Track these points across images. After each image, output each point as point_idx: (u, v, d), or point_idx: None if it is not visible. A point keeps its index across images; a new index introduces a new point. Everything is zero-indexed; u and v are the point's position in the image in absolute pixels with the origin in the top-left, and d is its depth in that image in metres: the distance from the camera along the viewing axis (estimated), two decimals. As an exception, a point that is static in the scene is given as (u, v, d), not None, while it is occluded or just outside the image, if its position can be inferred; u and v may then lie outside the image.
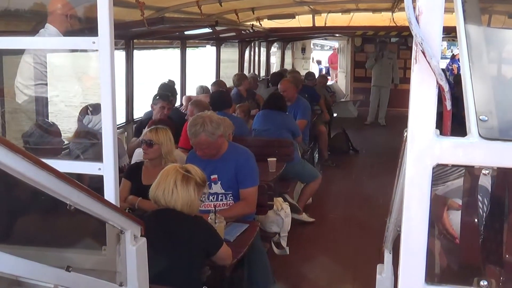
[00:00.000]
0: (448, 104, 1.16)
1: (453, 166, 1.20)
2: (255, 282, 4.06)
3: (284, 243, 5.23)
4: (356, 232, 6.43)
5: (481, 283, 1.19)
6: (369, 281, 3.22)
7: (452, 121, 1.21)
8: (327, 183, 7.97)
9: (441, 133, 1.18)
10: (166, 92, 7.04)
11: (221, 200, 4.25)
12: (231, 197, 4.25)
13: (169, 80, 7.92)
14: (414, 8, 1.14)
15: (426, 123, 1.15)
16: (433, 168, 1.16)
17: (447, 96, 1.15)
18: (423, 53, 1.12)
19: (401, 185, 1.45)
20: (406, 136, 1.19)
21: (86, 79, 4.85)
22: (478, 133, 1.14)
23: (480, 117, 1.15)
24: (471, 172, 1.53)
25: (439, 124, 1.19)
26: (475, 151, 1.14)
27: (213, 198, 4.25)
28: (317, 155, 9.62)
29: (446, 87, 1.14)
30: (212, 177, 4.25)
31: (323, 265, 5.62)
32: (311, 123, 8.73)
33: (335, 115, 12.39)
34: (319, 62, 23.78)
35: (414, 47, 1.14)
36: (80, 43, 2.62)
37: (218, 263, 3.38)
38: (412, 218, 1.17)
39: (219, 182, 4.26)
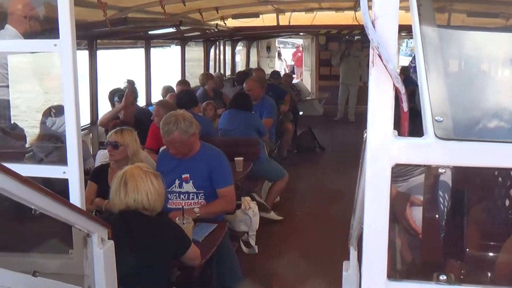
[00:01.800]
0: (405, 106, 1.20)
1: (411, 166, 1.24)
2: (224, 281, 4.08)
3: (252, 242, 5.27)
4: (323, 228, 6.49)
5: (440, 277, 1.23)
6: (337, 277, 3.26)
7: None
8: (295, 181, 8.02)
9: (399, 134, 1.22)
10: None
11: (192, 199, 4.25)
12: (203, 196, 4.25)
13: (128, 80, 7.80)
14: (370, 13, 1.17)
15: (384, 125, 1.19)
16: (392, 168, 1.20)
17: (404, 98, 1.19)
18: (380, 57, 1.16)
19: (362, 184, 1.49)
20: (366, 137, 1.22)
21: (48, 80, 4.77)
22: (434, 133, 1.18)
23: (436, 118, 1.19)
24: (431, 169, 1.58)
25: (398, 125, 1.23)
26: (431, 151, 1.18)
27: (184, 196, 4.25)
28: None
29: (402, 90, 1.18)
30: (183, 176, 4.26)
31: (292, 263, 5.66)
32: (278, 121, 8.77)
33: (300, 113, 12.48)
34: (279, 54, 23.51)
35: (371, 51, 1.18)
36: (41, 45, 2.59)
37: (187, 263, 3.39)
38: (373, 217, 1.21)
39: (191, 181, 4.26)
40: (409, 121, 1.30)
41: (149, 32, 8.00)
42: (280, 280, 5.25)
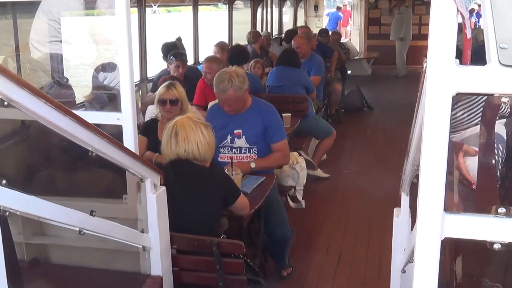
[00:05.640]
0: (468, 32, 1.16)
1: (473, 94, 1.21)
2: (273, 232, 4.12)
3: (299, 196, 5.27)
4: (371, 187, 6.46)
5: (499, 210, 1.20)
6: (384, 233, 3.24)
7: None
8: (342, 139, 7.97)
9: (461, 63, 1.18)
10: (176, 50, 6.91)
11: (244, 153, 4.26)
12: (255, 151, 4.25)
13: (177, 38, 7.81)
14: None
15: (446, 52, 1.14)
16: (452, 97, 1.17)
17: (467, 23, 1.14)
18: (444, -21, 1.11)
19: (419, 119, 1.46)
20: (426, 66, 1.19)
21: (99, 40, 4.87)
22: (498, 60, 1.13)
23: (500, 45, 1.14)
24: (494, 99, 1.52)
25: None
26: (495, 79, 1.14)
27: (236, 151, 4.27)
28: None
29: (466, 15, 1.13)
30: (235, 131, 4.25)
31: (339, 218, 5.68)
32: (326, 80, 8.66)
33: (349, 72, 12.30)
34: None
35: (434, -27, 1.13)
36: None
37: (236, 213, 3.43)
38: (432, 146, 1.18)
39: (244, 137, 4.25)
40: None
41: (197, -11, 7.97)
42: (327, 235, 5.28)
